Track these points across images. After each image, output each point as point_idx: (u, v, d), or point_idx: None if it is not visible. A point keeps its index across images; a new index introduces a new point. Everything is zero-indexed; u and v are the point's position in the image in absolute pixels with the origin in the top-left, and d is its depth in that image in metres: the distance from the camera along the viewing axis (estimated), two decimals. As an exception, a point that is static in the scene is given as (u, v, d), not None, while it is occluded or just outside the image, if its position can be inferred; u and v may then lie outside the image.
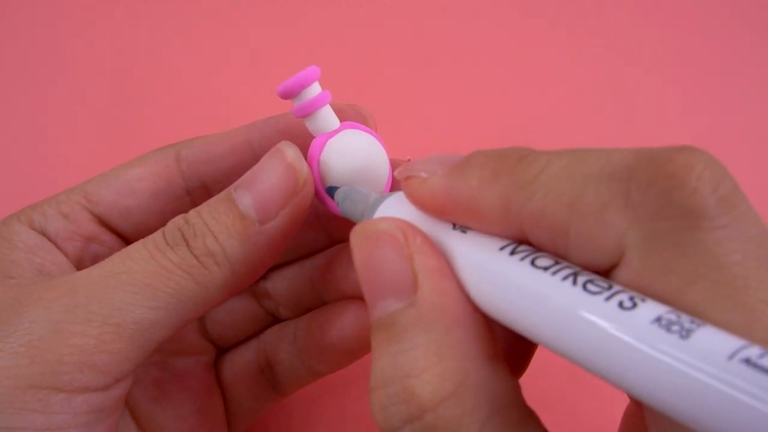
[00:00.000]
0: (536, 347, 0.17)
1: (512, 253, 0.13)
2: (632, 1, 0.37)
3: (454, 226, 0.15)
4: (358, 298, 0.22)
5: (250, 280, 0.19)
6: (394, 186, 0.21)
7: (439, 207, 0.15)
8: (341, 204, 0.19)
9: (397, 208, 0.16)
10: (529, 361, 0.17)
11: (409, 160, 0.21)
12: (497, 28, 0.36)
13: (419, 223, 0.15)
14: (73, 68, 0.36)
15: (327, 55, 0.36)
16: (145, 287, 0.17)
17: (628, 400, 0.18)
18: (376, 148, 0.20)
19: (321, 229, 0.23)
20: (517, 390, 0.14)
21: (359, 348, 0.23)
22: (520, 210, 0.13)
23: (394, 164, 0.21)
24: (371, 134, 0.21)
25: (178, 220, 0.19)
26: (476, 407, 0.13)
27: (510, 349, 0.17)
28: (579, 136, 0.33)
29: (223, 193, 0.19)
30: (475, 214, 0.14)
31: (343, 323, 0.22)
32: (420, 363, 0.13)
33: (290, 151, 0.19)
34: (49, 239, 0.20)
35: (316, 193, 0.20)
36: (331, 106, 0.20)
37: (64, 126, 0.34)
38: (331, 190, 0.20)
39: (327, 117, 0.20)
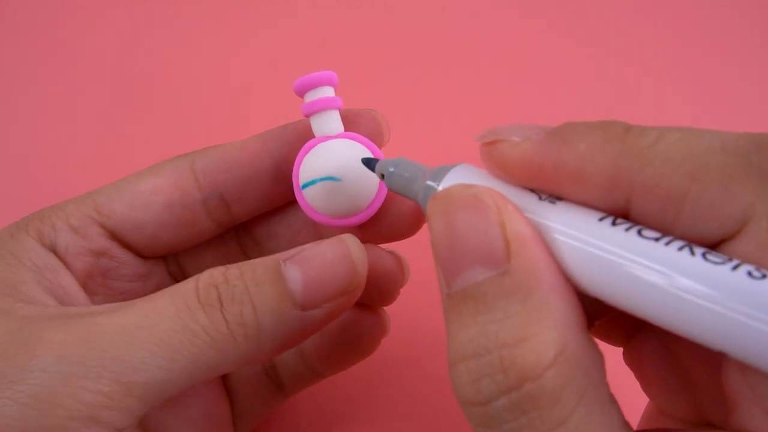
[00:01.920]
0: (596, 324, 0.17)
1: (614, 224, 0.13)
2: (633, 2, 0.37)
3: (540, 197, 0.14)
4: (359, 302, 0.22)
5: (268, 358, 0.19)
6: (387, 200, 0.21)
7: (533, 173, 0.14)
8: (388, 176, 0.18)
9: (468, 178, 0.15)
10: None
11: None
12: (497, 29, 0.36)
13: (504, 191, 0.14)
14: (73, 69, 0.36)
15: (331, 56, 0.36)
16: (164, 347, 0.16)
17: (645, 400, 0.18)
18: (360, 163, 0.20)
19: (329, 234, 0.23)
20: (604, 365, 0.13)
21: (361, 351, 0.23)
22: (633, 177, 0.13)
23: None
24: (369, 148, 0.21)
25: (217, 274, 0.18)
26: (575, 379, 0.12)
27: None
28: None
29: (270, 260, 0.18)
30: (579, 181, 0.13)
31: (345, 327, 0.22)
32: (518, 332, 0.12)
33: (355, 247, 0.18)
34: (58, 255, 0.20)
35: (294, 191, 0.20)
36: (349, 109, 0.21)
37: (66, 127, 0.34)
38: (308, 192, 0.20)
39: (330, 122, 0.20)
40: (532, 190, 0.14)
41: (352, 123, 0.21)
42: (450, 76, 0.35)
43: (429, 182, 0.16)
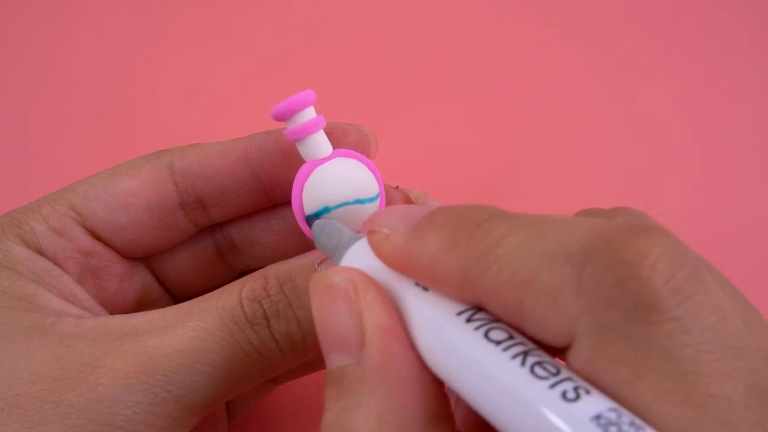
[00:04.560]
0: None
1: (469, 320, 0.13)
2: (633, 3, 0.37)
3: (416, 282, 0.15)
4: None
5: (309, 357, 0.20)
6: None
7: (400, 266, 0.14)
8: (317, 237, 0.19)
9: (366, 252, 0.16)
10: None
11: (398, 187, 0.21)
12: (497, 29, 0.37)
13: (383, 273, 0.15)
14: (70, 70, 0.37)
15: (325, 58, 0.36)
16: (220, 368, 0.17)
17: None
18: (363, 180, 0.20)
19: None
20: None
21: None
22: (477, 281, 0.13)
23: (386, 191, 0.21)
24: (363, 163, 0.20)
25: (258, 289, 0.18)
26: None
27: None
28: (579, 138, 0.34)
29: (307, 266, 0.19)
30: (434, 279, 0.14)
31: None
32: (361, 426, 0.13)
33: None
34: (48, 259, 0.20)
35: (297, 221, 0.20)
36: (335, 124, 0.20)
37: (54, 127, 0.35)
38: (311, 219, 0.20)
39: (318, 143, 0.20)
40: None
41: (338, 141, 0.21)
42: (449, 76, 0.36)
43: (335, 254, 0.17)
